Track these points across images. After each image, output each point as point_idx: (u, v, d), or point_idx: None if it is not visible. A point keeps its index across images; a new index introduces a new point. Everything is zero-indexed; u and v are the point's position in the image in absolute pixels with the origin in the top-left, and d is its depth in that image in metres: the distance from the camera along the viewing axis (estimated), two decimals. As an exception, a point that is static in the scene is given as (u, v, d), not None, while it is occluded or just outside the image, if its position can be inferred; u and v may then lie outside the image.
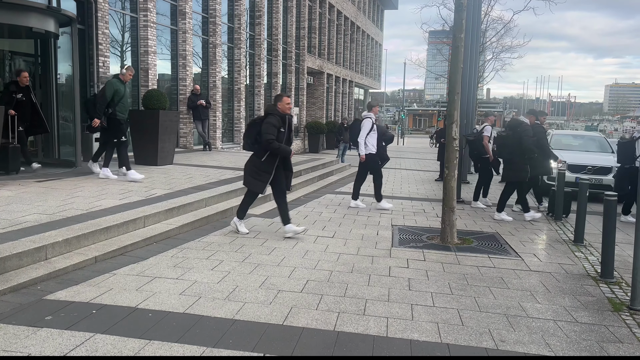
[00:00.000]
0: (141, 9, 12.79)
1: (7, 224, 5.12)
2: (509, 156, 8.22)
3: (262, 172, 6.14)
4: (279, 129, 6.08)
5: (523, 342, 3.54)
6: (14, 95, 8.21)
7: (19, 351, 3.06)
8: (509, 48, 24.98)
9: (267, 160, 6.11)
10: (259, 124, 6.15)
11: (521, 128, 8.12)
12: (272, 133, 5.98)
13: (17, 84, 8.32)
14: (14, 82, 8.41)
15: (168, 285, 4.34)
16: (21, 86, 8.32)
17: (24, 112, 8.40)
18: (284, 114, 6.18)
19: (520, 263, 5.61)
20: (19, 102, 8.28)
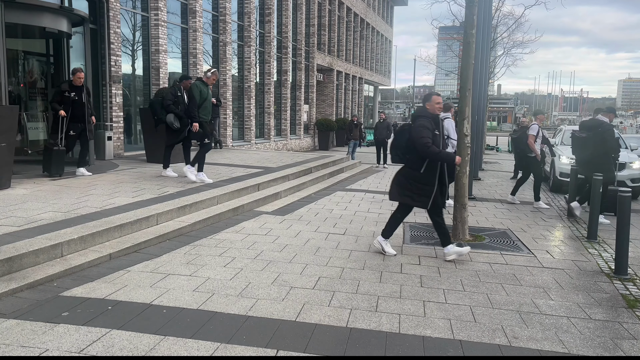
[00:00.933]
0: (152, 7, 12.87)
1: (23, 222, 5.20)
2: (589, 158, 8.08)
3: (423, 186, 5.31)
4: (433, 131, 5.27)
5: (536, 339, 3.53)
6: (67, 95, 7.97)
7: (36, 346, 3.11)
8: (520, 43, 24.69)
9: (427, 170, 5.28)
10: (408, 131, 5.39)
11: (602, 128, 7.97)
12: (427, 136, 5.17)
13: (71, 83, 8.07)
14: (67, 82, 8.16)
15: (181, 282, 4.38)
16: (75, 86, 8.07)
17: (76, 113, 8.10)
18: (435, 115, 5.44)
19: (532, 260, 5.58)
20: (72, 103, 8.05)
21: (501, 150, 27.79)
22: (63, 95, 7.97)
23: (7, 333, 3.27)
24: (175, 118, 8.29)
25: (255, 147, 18.42)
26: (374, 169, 15.35)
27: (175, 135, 8.45)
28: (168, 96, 8.39)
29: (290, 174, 10.19)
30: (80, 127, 8.18)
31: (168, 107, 8.29)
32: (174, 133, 8.43)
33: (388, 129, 16.57)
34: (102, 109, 11.45)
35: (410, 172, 5.41)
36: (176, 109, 8.30)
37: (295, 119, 23.80)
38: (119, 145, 11.70)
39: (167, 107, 8.30)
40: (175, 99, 8.37)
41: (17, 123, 7.14)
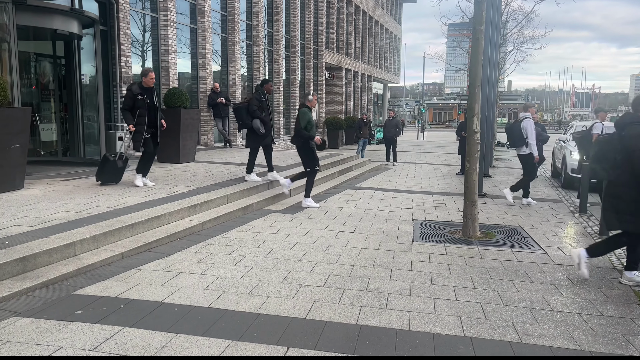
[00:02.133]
0: (161, 8, 12.95)
1: (37, 222, 5.27)
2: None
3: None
4: None
5: (547, 336, 3.52)
6: (140, 98, 7.40)
7: (50, 344, 3.16)
8: (530, 39, 24.51)
9: None
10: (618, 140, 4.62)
11: None
12: None
13: (141, 85, 7.49)
14: (137, 84, 7.55)
15: (193, 280, 4.42)
16: (146, 88, 7.50)
17: (148, 117, 7.54)
18: None
19: (544, 256, 5.55)
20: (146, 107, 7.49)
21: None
22: (135, 99, 7.37)
23: (22, 331, 3.32)
24: (260, 123, 8.33)
25: (264, 146, 18.45)
26: (383, 166, 15.34)
27: (259, 140, 8.46)
28: (254, 101, 8.36)
29: (299, 173, 10.19)
30: (150, 131, 7.64)
31: (254, 113, 8.30)
32: (258, 138, 8.44)
33: (397, 127, 16.54)
34: (113, 110, 11.54)
35: (627, 192, 4.54)
36: (261, 114, 8.33)
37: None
38: (130, 145, 11.77)
39: (252, 112, 8.30)
40: (260, 104, 8.37)
41: (29, 125, 7.23)
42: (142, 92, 7.41)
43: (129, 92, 7.45)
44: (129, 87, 7.61)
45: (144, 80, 7.47)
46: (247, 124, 8.39)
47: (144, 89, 7.46)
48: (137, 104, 7.39)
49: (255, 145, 8.60)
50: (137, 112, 7.40)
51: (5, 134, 6.58)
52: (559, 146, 13.12)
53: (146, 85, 7.48)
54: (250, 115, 8.36)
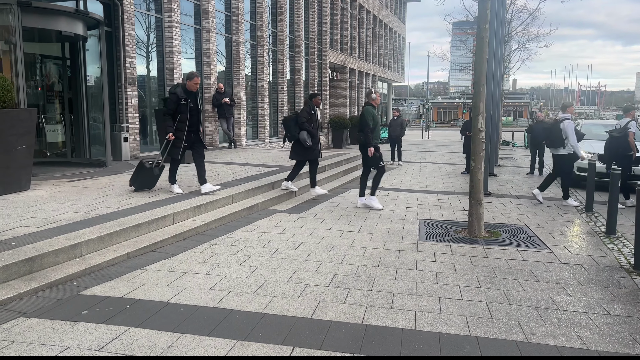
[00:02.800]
0: (165, 9, 12.98)
1: (43, 223, 5.30)
2: None
3: None
4: None
5: (554, 335, 3.50)
6: (184, 103, 7.13)
7: (57, 345, 3.17)
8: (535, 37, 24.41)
9: None
10: None
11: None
12: None
13: (185, 89, 7.19)
14: (181, 86, 7.24)
15: (198, 281, 4.42)
16: (190, 91, 7.22)
17: (192, 122, 7.26)
18: None
19: (550, 255, 5.53)
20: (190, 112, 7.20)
21: (517, 145, 27.52)
22: (179, 104, 7.09)
23: (29, 331, 3.34)
24: (308, 135, 8.32)
25: (269, 146, 18.49)
26: (388, 166, 15.31)
27: (306, 153, 8.47)
28: (303, 114, 8.38)
29: (303, 172, 10.20)
30: (192, 137, 7.33)
31: (302, 125, 8.33)
32: (304, 150, 8.45)
33: (402, 126, 16.52)
34: (118, 111, 11.58)
35: None
36: (310, 126, 8.34)
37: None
38: (135, 146, 11.83)
39: (301, 124, 8.33)
40: (310, 116, 8.38)
41: (35, 126, 7.27)
42: (186, 96, 7.14)
43: (174, 95, 7.13)
44: (172, 90, 7.27)
45: (189, 83, 7.19)
46: (294, 135, 8.40)
47: (188, 93, 7.17)
48: (179, 108, 7.11)
49: (300, 158, 8.59)
50: (177, 117, 7.12)
51: (11, 135, 6.62)
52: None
53: (190, 89, 7.20)
54: (298, 127, 8.36)
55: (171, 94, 7.19)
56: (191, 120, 7.22)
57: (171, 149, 7.20)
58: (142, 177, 7.20)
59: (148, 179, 7.28)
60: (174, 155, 7.26)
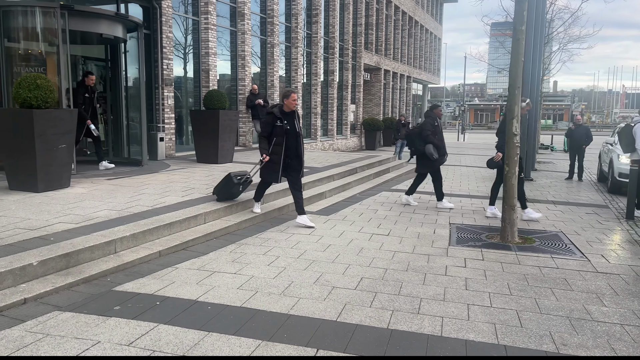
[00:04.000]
0: (202, 12, 13.23)
1: (81, 219, 5.48)
2: None
3: None
4: None
5: (586, 347, 3.39)
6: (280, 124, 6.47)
7: (89, 338, 3.28)
8: (577, 38, 23.68)
9: None
10: None
11: None
12: None
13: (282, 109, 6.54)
14: (278, 106, 6.60)
15: (226, 280, 4.49)
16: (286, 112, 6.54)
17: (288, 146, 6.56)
18: None
19: (586, 264, 5.36)
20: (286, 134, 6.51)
21: (556, 149, 26.78)
22: (274, 126, 6.48)
23: (63, 325, 3.46)
24: (434, 148, 8.25)
25: (302, 147, 18.55)
26: (421, 169, 15.15)
27: (431, 165, 8.41)
28: (427, 126, 8.32)
29: (335, 174, 10.22)
30: (289, 163, 6.61)
31: (427, 138, 8.22)
32: (430, 163, 8.37)
33: (436, 129, 16.29)
34: (155, 111, 11.87)
35: None
36: (435, 139, 8.26)
37: (341, 118, 23.81)
38: (171, 146, 12.09)
39: (425, 137, 8.24)
40: (433, 128, 8.32)
41: (76, 125, 7.52)
42: (282, 116, 6.46)
43: (270, 116, 6.57)
44: (269, 110, 6.74)
45: (286, 102, 6.50)
46: (419, 149, 8.33)
47: (284, 114, 6.49)
48: (274, 130, 6.48)
49: (425, 170, 8.50)
50: (273, 140, 6.51)
51: (53, 135, 6.88)
52: (606, 149, 12.62)
53: (287, 109, 6.50)
54: (423, 141, 8.27)
55: (266, 115, 6.65)
56: (288, 144, 6.51)
57: (264, 170, 6.64)
58: (227, 189, 6.86)
59: (232, 193, 6.95)
60: (266, 178, 6.73)
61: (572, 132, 13.96)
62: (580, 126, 13.78)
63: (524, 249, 5.90)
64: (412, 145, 8.47)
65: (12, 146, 6.83)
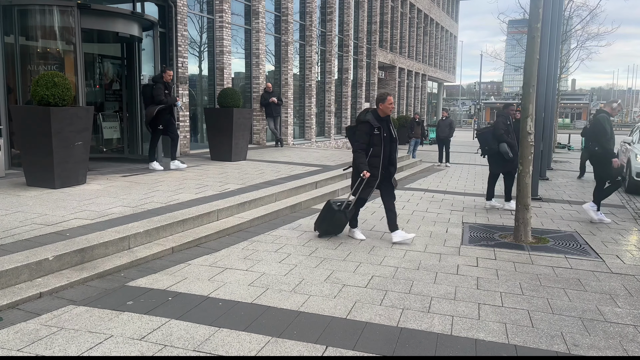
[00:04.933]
0: (217, 10, 13.30)
1: (96, 215, 5.56)
2: None
3: None
4: None
5: (598, 347, 3.36)
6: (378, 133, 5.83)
7: (102, 332, 3.33)
8: (596, 35, 23.34)
9: None
10: None
11: None
12: None
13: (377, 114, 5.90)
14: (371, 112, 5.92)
15: (238, 276, 4.52)
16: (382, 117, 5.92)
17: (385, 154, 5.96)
18: None
19: (600, 265, 5.29)
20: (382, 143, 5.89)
21: (573, 148, 26.43)
22: (371, 135, 5.82)
23: (77, 319, 3.52)
24: (508, 147, 8.16)
25: (315, 146, 18.59)
26: (435, 167, 15.08)
27: (506, 165, 8.29)
28: (500, 125, 8.23)
29: (348, 172, 10.20)
30: (386, 173, 6.01)
31: (501, 137, 8.08)
32: (504, 163, 8.27)
33: (450, 127, 16.21)
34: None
35: None
36: (509, 137, 8.17)
37: (355, 117, 23.77)
38: (185, 143, 12.19)
39: (499, 136, 8.13)
40: (506, 127, 8.23)
41: (92, 123, 7.62)
42: (379, 124, 5.83)
43: (366, 125, 5.82)
44: (362, 118, 5.93)
45: (381, 107, 5.87)
46: (492, 148, 8.24)
47: (380, 120, 5.87)
48: (372, 140, 5.82)
49: (499, 170, 8.40)
50: (369, 151, 5.85)
51: (70, 132, 6.98)
52: (624, 149, 12.44)
53: (383, 114, 5.90)
54: (497, 140, 8.17)
55: (361, 123, 5.91)
56: (385, 153, 5.91)
57: (364, 188, 5.91)
58: (329, 220, 5.99)
59: (336, 224, 6.03)
60: (365, 195, 6.03)
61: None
62: None
63: (537, 248, 5.85)
64: (486, 144, 8.29)
65: (29, 143, 6.95)
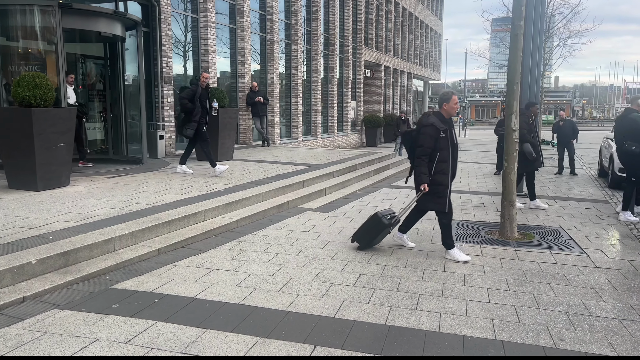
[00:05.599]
0: (201, 9, 13.21)
1: (80, 218, 5.49)
2: None
3: None
4: None
5: (584, 342, 3.40)
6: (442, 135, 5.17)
7: (87, 336, 3.29)
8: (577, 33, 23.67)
9: None
10: None
11: None
12: None
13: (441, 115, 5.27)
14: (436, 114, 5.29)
15: (225, 277, 4.49)
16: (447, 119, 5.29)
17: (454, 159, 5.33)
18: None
19: (585, 259, 5.35)
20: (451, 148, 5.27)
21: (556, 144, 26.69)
22: (438, 139, 5.14)
23: (61, 323, 3.47)
24: (531, 147, 8.05)
25: (302, 145, 18.57)
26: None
27: (529, 165, 8.18)
28: (523, 125, 7.95)
29: (335, 171, 10.22)
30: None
31: (523, 137, 7.96)
32: (528, 163, 8.14)
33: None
34: (155, 109, 11.87)
35: None
36: (530, 137, 8.04)
37: (342, 115, 23.80)
38: (171, 144, 12.09)
39: (522, 136, 7.90)
40: (528, 127, 8.11)
41: (75, 124, 7.52)
42: (445, 126, 5.19)
43: (431, 128, 5.14)
44: (425, 121, 5.24)
45: (446, 108, 5.26)
46: None
47: (445, 122, 5.23)
48: (438, 144, 5.15)
49: (523, 170, 8.26)
50: (436, 157, 5.18)
51: (53, 133, 6.88)
52: (606, 144, 12.60)
53: (447, 115, 5.28)
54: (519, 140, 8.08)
55: (426, 126, 5.20)
56: (454, 157, 5.29)
57: (426, 197, 5.26)
58: (376, 233, 5.47)
59: (380, 237, 5.56)
60: (432, 207, 5.36)
61: (559, 127, 14.18)
62: (566, 121, 14.07)
63: (523, 244, 5.90)
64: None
65: (11, 145, 6.84)
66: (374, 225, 5.46)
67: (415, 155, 5.27)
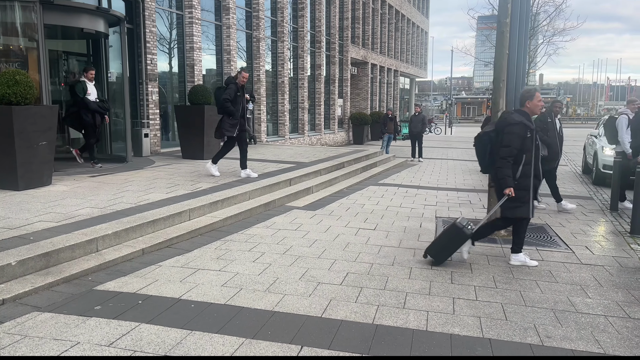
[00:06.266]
0: (186, 6, 13.07)
1: (62, 218, 5.38)
2: None
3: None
4: None
5: (570, 339, 3.40)
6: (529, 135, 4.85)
7: (68, 339, 3.21)
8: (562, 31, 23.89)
9: None
10: None
11: None
12: None
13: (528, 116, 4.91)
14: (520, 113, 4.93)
15: (211, 277, 4.43)
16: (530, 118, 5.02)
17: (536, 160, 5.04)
18: None
19: (570, 256, 5.38)
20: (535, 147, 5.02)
21: (542, 142, 26.94)
22: (525, 139, 4.80)
23: (42, 326, 3.39)
24: (543, 146, 7.83)
25: (289, 143, 18.50)
26: (408, 162, 15.17)
27: (550, 163, 7.83)
28: (538, 124, 7.65)
29: (322, 169, 10.18)
30: None
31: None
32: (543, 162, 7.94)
33: (423, 123, 16.33)
34: (139, 107, 11.72)
35: None
36: (545, 135, 7.67)
37: (329, 113, 23.77)
38: (156, 142, 11.96)
39: None
40: (545, 125, 7.83)
41: (57, 122, 7.38)
42: (533, 125, 4.88)
43: (519, 126, 4.78)
44: (511, 118, 4.86)
45: (529, 106, 4.95)
46: None
47: (531, 121, 4.93)
48: (524, 145, 4.80)
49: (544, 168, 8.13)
50: (522, 159, 4.83)
51: (34, 132, 6.74)
52: (590, 141, 12.72)
53: (532, 114, 4.99)
54: None
55: (510, 126, 4.81)
56: (537, 159, 4.98)
57: (510, 204, 4.91)
58: (455, 245, 4.96)
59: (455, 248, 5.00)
60: (517, 214, 4.98)
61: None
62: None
63: (509, 241, 5.89)
64: None
65: (-9, 144, 6.69)
66: (455, 237, 4.93)
67: (497, 157, 4.86)
